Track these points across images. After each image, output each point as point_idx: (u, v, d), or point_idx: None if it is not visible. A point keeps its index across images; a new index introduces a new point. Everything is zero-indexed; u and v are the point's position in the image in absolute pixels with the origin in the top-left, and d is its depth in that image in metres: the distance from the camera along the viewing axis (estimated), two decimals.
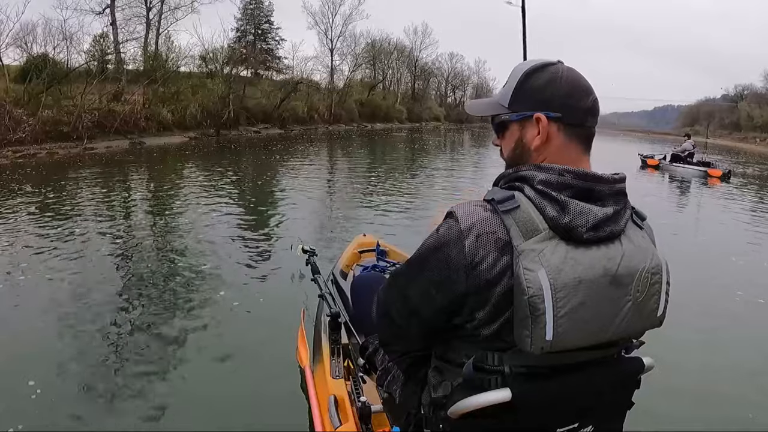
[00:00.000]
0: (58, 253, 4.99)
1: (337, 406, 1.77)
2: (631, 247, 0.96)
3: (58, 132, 15.38)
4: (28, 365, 2.90)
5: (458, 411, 0.99)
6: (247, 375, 2.89)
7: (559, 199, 0.93)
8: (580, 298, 0.90)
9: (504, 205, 0.95)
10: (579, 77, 1.03)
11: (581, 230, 0.92)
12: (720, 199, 11.58)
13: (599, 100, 1.06)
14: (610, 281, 0.93)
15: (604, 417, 1.05)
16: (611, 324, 0.95)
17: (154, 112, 18.73)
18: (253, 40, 40.68)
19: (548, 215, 0.93)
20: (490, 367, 0.97)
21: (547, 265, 0.89)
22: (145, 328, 3.45)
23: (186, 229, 6.30)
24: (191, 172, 12.30)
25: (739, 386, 3.04)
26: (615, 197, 0.98)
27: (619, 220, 0.97)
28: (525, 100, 1.03)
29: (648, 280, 0.97)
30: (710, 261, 5.92)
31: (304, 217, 7.28)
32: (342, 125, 35.07)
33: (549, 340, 0.90)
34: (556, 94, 1.00)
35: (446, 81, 66.30)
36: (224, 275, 4.51)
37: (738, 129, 50.46)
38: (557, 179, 0.95)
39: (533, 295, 0.88)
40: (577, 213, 0.92)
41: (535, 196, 0.95)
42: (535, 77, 1.03)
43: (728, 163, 19.23)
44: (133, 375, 2.85)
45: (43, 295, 3.95)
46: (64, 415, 2.47)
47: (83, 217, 6.69)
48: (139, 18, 24.06)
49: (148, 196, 8.98)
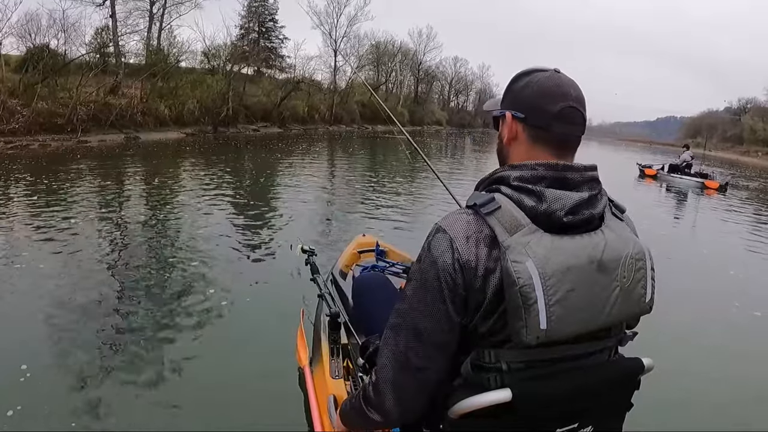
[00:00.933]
0: (50, 248, 4.87)
1: (337, 406, 1.73)
2: (612, 235, 1.01)
3: (52, 124, 15.21)
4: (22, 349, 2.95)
5: (459, 411, 1.00)
6: (246, 375, 2.87)
7: (534, 190, 0.98)
8: (570, 285, 0.94)
9: (485, 207, 0.99)
10: (558, 85, 1.05)
11: (559, 214, 0.97)
12: (717, 210, 11.59)
13: (604, 108, 1.06)
14: (596, 268, 0.96)
15: (604, 417, 1.07)
16: (602, 310, 0.98)
17: (151, 106, 18.49)
18: (256, 37, 40.55)
19: (526, 206, 0.97)
20: (488, 365, 1.00)
21: (533, 256, 0.93)
22: (141, 328, 3.39)
23: (181, 228, 6.18)
24: (186, 168, 12.14)
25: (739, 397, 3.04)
26: (588, 183, 1.03)
27: (596, 204, 1.02)
28: (506, 100, 1.12)
29: (632, 266, 1.00)
30: (708, 272, 5.92)
31: (302, 216, 7.23)
32: (343, 126, 34.88)
33: (543, 328, 0.92)
34: (527, 96, 1.06)
35: (450, 85, 66.30)
36: (222, 275, 4.46)
37: (740, 142, 50.14)
38: (530, 173, 1.00)
39: (523, 285, 0.91)
40: (553, 199, 0.97)
41: (512, 193, 1.00)
42: (518, 81, 1.10)
43: (728, 175, 19.17)
44: (131, 374, 2.83)
45: (34, 286, 3.89)
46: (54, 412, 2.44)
47: (73, 211, 6.51)
48: (141, 11, 23.87)
49: (140, 192, 8.81)
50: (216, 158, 14.43)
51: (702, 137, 47.71)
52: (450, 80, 65.69)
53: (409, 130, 11.02)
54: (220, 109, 21.87)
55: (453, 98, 67.51)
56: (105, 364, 2.91)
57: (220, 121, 21.84)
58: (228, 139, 20.59)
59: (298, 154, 17.28)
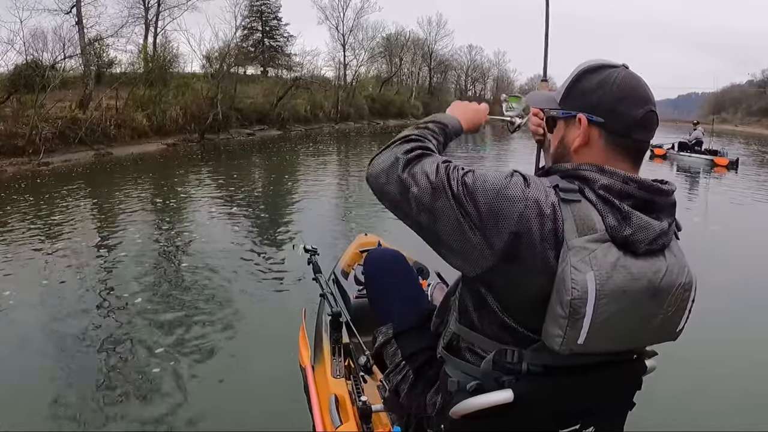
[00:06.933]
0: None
1: (338, 405, 1.77)
2: (673, 260, 0.95)
3: (12, 146, 13.67)
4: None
5: (460, 411, 1.00)
6: (248, 374, 2.93)
7: (621, 209, 0.92)
8: (620, 307, 0.89)
9: (565, 194, 0.92)
10: (636, 86, 0.98)
11: (641, 245, 0.91)
12: (726, 191, 11.09)
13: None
14: (651, 294, 0.92)
15: (606, 418, 1.05)
16: (640, 335, 0.96)
17: (126, 117, 16.83)
18: (260, 37, 39.27)
19: (609, 224, 0.91)
20: (509, 365, 0.97)
21: (597, 269, 0.87)
22: (140, 328, 3.50)
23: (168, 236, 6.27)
24: (153, 183, 11.10)
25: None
26: (669, 209, 0.98)
27: (670, 233, 0.97)
28: (574, 100, 1.02)
29: (680, 296, 0.95)
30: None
31: (303, 215, 7.39)
32: (350, 123, 32.83)
33: (580, 344, 0.89)
34: (605, 98, 0.97)
35: (466, 74, 64.13)
36: (221, 276, 4.52)
37: (767, 115, 46.48)
38: (620, 187, 0.93)
39: (576, 297, 0.86)
40: (638, 227, 0.91)
41: (596, 200, 0.93)
42: (589, 78, 1.00)
43: (742, 151, 18.95)
44: (131, 374, 2.93)
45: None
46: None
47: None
48: (135, 18, 22.29)
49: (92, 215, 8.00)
50: (195, 169, 13.59)
51: (726, 112, 45.11)
52: (466, 69, 63.41)
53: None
54: (206, 115, 20.03)
55: (470, 87, 65.09)
56: (105, 363, 3.04)
57: (208, 128, 20.01)
58: (217, 146, 18.95)
59: (294, 154, 16.84)
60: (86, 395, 2.74)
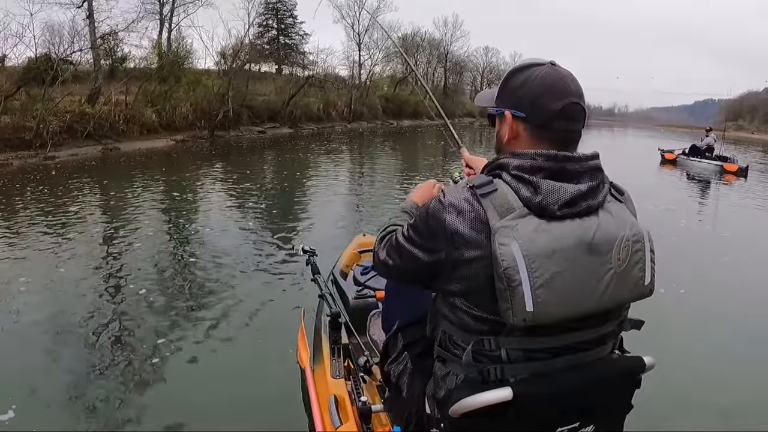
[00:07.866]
0: None
1: (338, 405, 1.78)
2: (607, 217, 1.00)
3: (18, 140, 13.48)
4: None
5: (460, 410, 1.02)
6: (247, 375, 2.93)
7: (531, 181, 0.99)
8: (556, 268, 0.94)
9: (482, 189, 1.01)
10: (556, 81, 1.04)
11: (553, 207, 0.97)
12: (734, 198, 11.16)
13: (639, 94, 1.13)
14: (585, 250, 0.96)
15: (605, 416, 1.07)
16: (594, 293, 0.97)
17: (136, 113, 16.60)
18: (276, 35, 39.09)
19: (523, 197, 0.99)
20: (489, 352, 1.02)
21: (519, 238, 0.94)
22: (141, 328, 3.49)
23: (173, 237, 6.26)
24: (162, 179, 10.90)
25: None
26: (590, 173, 1.03)
27: (596, 195, 1.01)
28: (504, 97, 1.12)
29: (629, 248, 0.99)
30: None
31: (302, 217, 7.41)
32: (363, 123, 32.40)
33: (530, 310, 0.93)
34: (527, 94, 1.06)
35: (481, 76, 63.58)
36: (220, 277, 4.54)
37: None
38: (530, 163, 1.01)
39: (507, 267, 0.93)
40: (547, 192, 0.98)
41: (510, 180, 1.02)
42: (516, 77, 1.09)
43: (759, 159, 18.92)
44: (131, 374, 2.90)
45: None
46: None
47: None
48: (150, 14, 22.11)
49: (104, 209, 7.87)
50: (201, 165, 13.32)
51: (743, 119, 44.16)
52: (482, 70, 62.89)
53: (439, 123, 9.62)
54: (217, 111, 19.75)
55: (486, 88, 64.60)
56: (104, 364, 2.99)
57: (218, 124, 19.74)
58: (226, 143, 18.68)
59: (302, 153, 16.72)
60: (81, 383, 2.85)
